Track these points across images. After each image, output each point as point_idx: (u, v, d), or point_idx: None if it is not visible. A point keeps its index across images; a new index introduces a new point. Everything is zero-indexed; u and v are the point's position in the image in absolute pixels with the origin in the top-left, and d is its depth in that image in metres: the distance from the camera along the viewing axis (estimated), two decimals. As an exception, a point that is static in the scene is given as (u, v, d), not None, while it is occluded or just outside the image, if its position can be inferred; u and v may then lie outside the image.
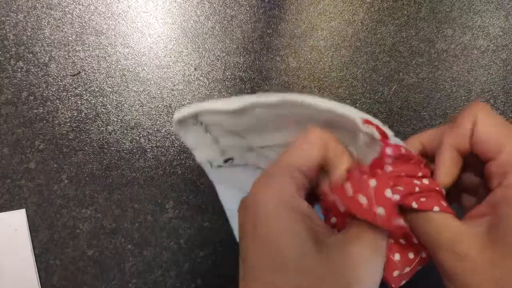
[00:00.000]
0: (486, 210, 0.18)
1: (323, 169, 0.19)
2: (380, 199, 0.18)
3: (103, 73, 0.36)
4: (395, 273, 0.19)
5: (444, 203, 0.19)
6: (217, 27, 0.38)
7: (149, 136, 0.36)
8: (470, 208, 0.19)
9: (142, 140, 0.36)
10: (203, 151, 0.24)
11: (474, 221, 0.18)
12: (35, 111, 0.35)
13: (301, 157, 0.18)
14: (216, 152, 0.24)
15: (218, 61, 0.38)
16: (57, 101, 0.36)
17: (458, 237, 0.17)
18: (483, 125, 0.18)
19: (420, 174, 0.19)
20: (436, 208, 0.18)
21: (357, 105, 0.38)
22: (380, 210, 0.18)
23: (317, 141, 0.18)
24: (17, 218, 0.34)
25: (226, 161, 0.25)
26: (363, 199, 0.18)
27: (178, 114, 0.21)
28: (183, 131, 0.22)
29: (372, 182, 0.18)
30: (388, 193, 0.18)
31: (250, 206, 0.17)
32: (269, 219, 0.16)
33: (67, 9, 0.37)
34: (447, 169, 0.19)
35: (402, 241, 0.20)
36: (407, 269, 0.20)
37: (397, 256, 0.20)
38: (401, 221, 0.18)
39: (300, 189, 0.17)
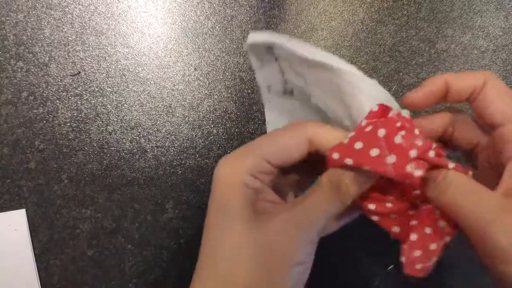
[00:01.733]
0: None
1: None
2: (392, 146, 0.17)
3: (103, 73, 0.36)
4: (418, 266, 0.19)
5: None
6: (217, 27, 0.38)
7: (149, 136, 0.36)
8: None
9: (142, 140, 0.36)
10: (267, 74, 0.23)
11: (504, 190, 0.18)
12: (35, 111, 0.35)
13: (272, 148, 0.20)
14: (278, 80, 0.24)
15: (218, 61, 0.38)
16: (57, 101, 0.36)
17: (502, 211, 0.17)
18: (493, 87, 0.19)
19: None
20: (451, 165, 0.18)
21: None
22: (391, 159, 0.17)
23: (300, 139, 0.20)
24: (17, 218, 0.34)
25: (285, 92, 0.25)
26: (374, 151, 0.18)
27: (254, 37, 0.21)
28: (253, 52, 0.22)
29: (381, 132, 0.18)
30: (398, 139, 0.17)
31: (214, 176, 0.21)
32: (221, 189, 0.20)
33: (67, 9, 0.37)
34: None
35: (427, 230, 0.19)
36: (432, 260, 0.19)
37: (417, 253, 0.19)
38: (415, 171, 0.17)
39: (261, 174, 0.20)
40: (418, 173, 0.17)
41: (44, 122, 0.35)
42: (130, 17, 0.37)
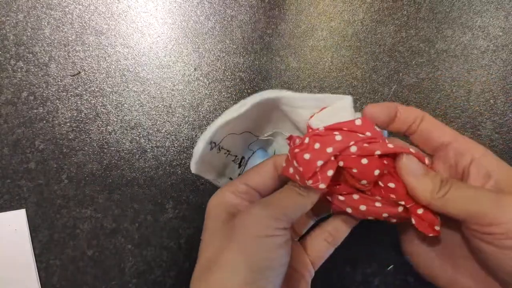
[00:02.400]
0: (479, 182, 0.23)
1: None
2: (299, 162, 0.23)
3: (103, 73, 0.36)
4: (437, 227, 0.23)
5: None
6: (217, 27, 0.38)
7: (149, 136, 0.36)
8: None
9: (142, 140, 0.36)
10: (214, 161, 0.28)
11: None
12: (35, 111, 0.35)
13: (250, 175, 0.26)
14: (230, 163, 0.30)
15: (218, 61, 0.38)
16: (57, 101, 0.36)
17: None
18: (431, 118, 0.25)
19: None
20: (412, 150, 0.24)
21: (357, 105, 0.38)
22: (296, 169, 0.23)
23: (269, 167, 0.25)
24: (17, 218, 0.34)
25: (240, 163, 0.31)
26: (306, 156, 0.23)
27: (197, 154, 0.26)
28: (203, 166, 0.27)
29: (316, 145, 0.23)
30: (307, 156, 0.23)
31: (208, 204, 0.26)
32: (209, 210, 0.25)
33: (67, 9, 0.37)
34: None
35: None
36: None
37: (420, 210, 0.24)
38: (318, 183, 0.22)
39: (241, 193, 0.25)
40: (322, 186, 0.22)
41: (44, 122, 0.35)
42: (130, 17, 0.37)
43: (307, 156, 0.22)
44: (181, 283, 0.36)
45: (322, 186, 0.22)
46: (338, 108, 0.25)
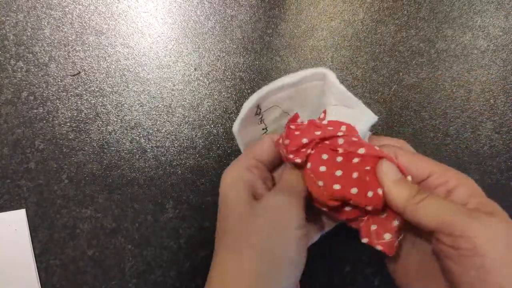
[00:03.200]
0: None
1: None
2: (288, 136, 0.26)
3: (103, 73, 0.36)
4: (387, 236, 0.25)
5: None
6: (217, 27, 0.38)
7: (149, 136, 0.36)
8: None
9: (142, 140, 0.36)
10: (250, 132, 0.29)
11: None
12: (35, 111, 0.35)
13: (256, 150, 0.28)
14: (259, 127, 0.30)
15: (218, 61, 0.38)
16: (57, 101, 0.36)
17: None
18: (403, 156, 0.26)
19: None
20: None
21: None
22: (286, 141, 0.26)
23: (270, 142, 0.28)
24: (17, 218, 0.34)
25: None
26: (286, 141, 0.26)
27: (246, 106, 0.27)
28: (242, 127, 0.28)
29: (310, 129, 0.26)
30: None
31: (221, 182, 0.26)
32: (226, 186, 0.26)
33: (67, 9, 0.37)
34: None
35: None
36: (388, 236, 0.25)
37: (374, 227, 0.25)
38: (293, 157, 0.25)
39: (253, 168, 0.27)
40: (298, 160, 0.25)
41: (44, 122, 0.35)
42: (130, 17, 0.37)
43: (297, 133, 0.25)
44: (181, 283, 0.36)
45: (298, 160, 0.25)
46: (357, 118, 0.26)
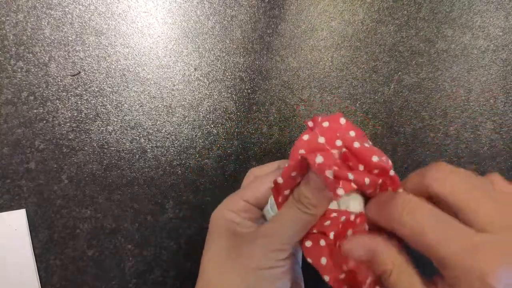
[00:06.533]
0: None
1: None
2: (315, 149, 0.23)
3: (103, 73, 0.36)
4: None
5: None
6: (217, 27, 0.38)
7: (149, 136, 0.36)
8: None
9: (142, 140, 0.36)
10: None
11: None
12: (35, 111, 0.35)
13: (252, 193, 0.26)
14: None
15: (218, 61, 0.38)
16: (57, 101, 0.36)
17: None
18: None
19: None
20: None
21: (357, 105, 0.38)
22: (319, 158, 0.22)
23: (267, 185, 0.26)
24: (17, 218, 0.34)
25: None
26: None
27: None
28: None
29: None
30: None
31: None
32: (211, 227, 0.26)
33: (67, 9, 0.37)
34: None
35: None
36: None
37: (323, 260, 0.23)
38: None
39: (241, 210, 0.26)
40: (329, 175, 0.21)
41: (44, 122, 0.35)
42: (130, 17, 0.37)
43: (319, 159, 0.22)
44: (181, 283, 0.36)
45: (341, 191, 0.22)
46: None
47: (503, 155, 0.38)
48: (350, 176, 0.22)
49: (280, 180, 0.23)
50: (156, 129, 0.37)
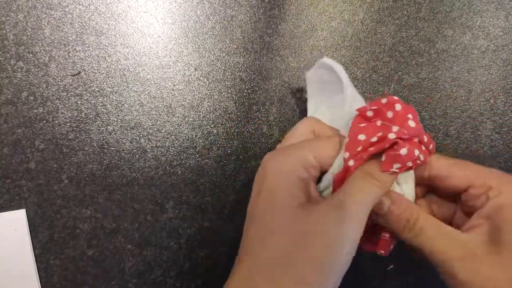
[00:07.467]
0: (478, 222, 0.22)
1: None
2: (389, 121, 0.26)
3: (103, 73, 0.36)
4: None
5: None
6: (217, 27, 0.38)
7: (149, 136, 0.36)
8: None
9: (142, 140, 0.36)
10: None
11: (470, 232, 0.22)
12: (35, 111, 0.35)
13: (320, 149, 0.23)
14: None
15: (218, 61, 0.38)
16: (57, 101, 0.36)
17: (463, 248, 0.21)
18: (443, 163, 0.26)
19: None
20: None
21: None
22: (395, 128, 0.24)
23: (337, 146, 0.24)
24: (17, 218, 0.34)
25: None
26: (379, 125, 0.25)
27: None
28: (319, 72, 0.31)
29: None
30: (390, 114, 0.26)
31: (264, 169, 0.23)
32: (274, 179, 0.22)
33: (67, 9, 0.37)
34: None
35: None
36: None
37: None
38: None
39: (311, 168, 0.23)
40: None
41: (44, 122, 0.35)
42: (130, 17, 0.37)
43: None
44: (181, 283, 0.36)
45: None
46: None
47: (503, 155, 0.38)
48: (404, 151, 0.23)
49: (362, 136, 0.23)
50: (156, 129, 0.37)
